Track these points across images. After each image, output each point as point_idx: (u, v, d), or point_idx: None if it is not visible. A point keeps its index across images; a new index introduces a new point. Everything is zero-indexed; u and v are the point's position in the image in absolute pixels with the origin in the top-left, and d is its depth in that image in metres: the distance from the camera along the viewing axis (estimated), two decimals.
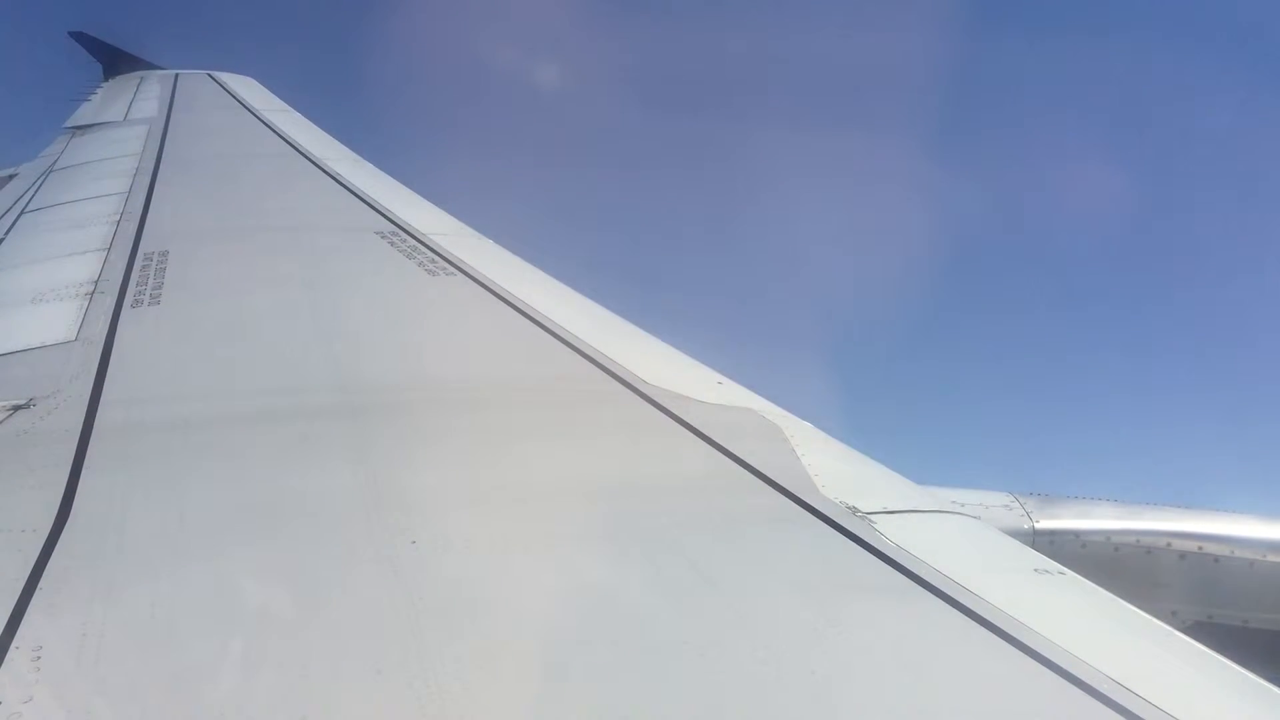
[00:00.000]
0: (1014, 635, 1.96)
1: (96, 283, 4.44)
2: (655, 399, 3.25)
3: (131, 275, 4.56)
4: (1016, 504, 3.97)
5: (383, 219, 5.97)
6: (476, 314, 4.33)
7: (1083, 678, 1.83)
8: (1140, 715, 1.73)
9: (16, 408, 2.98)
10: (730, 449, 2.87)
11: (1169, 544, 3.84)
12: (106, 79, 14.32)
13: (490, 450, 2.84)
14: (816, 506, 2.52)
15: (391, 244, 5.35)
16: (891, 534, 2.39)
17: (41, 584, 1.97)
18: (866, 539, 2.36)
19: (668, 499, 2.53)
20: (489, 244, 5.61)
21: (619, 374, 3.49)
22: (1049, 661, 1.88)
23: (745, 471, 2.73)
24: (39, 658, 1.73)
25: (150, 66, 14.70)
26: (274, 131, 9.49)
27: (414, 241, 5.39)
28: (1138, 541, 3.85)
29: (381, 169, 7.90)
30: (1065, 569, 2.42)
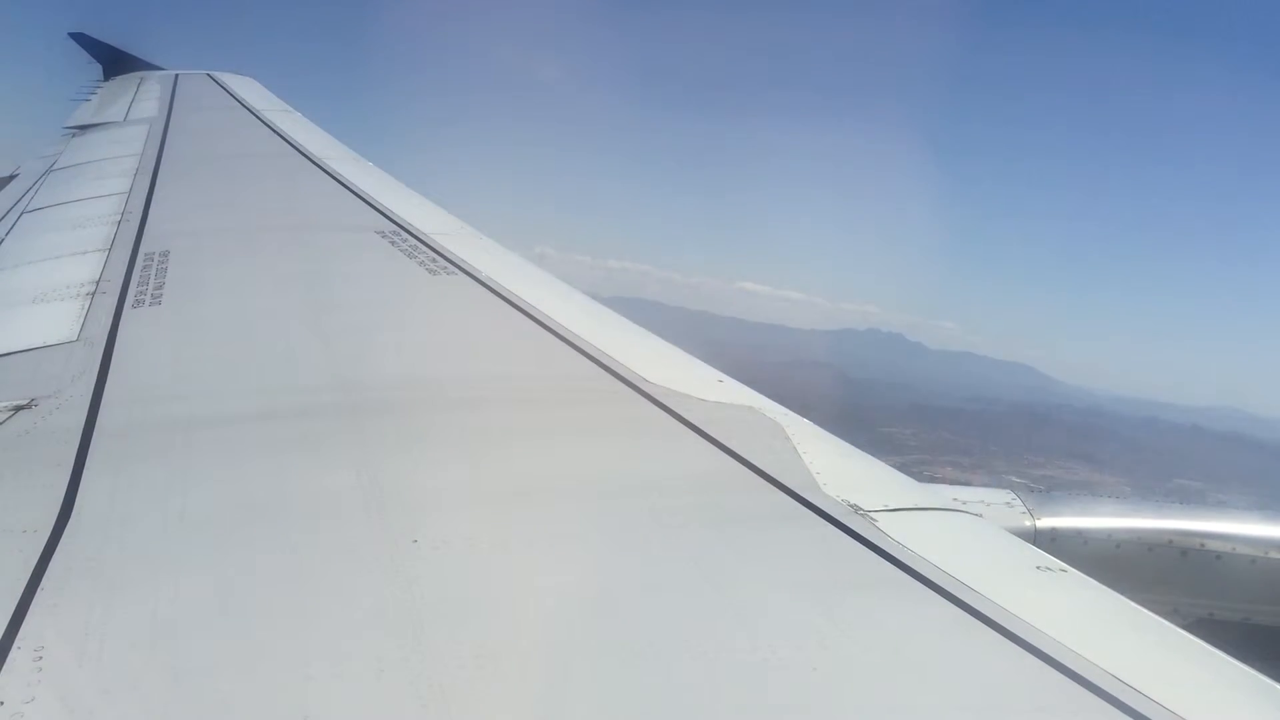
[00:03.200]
0: (1016, 633, 1.96)
1: (98, 283, 4.44)
2: (656, 397, 3.25)
3: (133, 275, 4.56)
4: (1018, 501, 3.97)
5: (384, 218, 5.98)
6: (478, 313, 4.33)
7: (1085, 674, 1.83)
8: (1142, 711, 1.73)
9: (18, 408, 2.98)
10: (732, 447, 2.87)
11: (1170, 541, 3.84)
12: (106, 79, 14.34)
13: (492, 449, 2.84)
14: (818, 504, 2.52)
15: (393, 243, 5.36)
16: (893, 532, 2.40)
17: (43, 584, 1.97)
18: (868, 537, 2.36)
19: (669, 497, 2.53)
20: (490, 243, 5.62)
21: (620, 373, 3.49)
22: (1051, 659, 1.88)
23: (747, 470, 2.73)
24: (41, 658, 1.73)
25: (150, 67, 14.73)
26: (274, 131, 9.50)
27: (415, 241, 5.40)
28: (1139, 539, 3.85)
29: (382, 168, 7.91)
30: (1067, 566, 2.42)
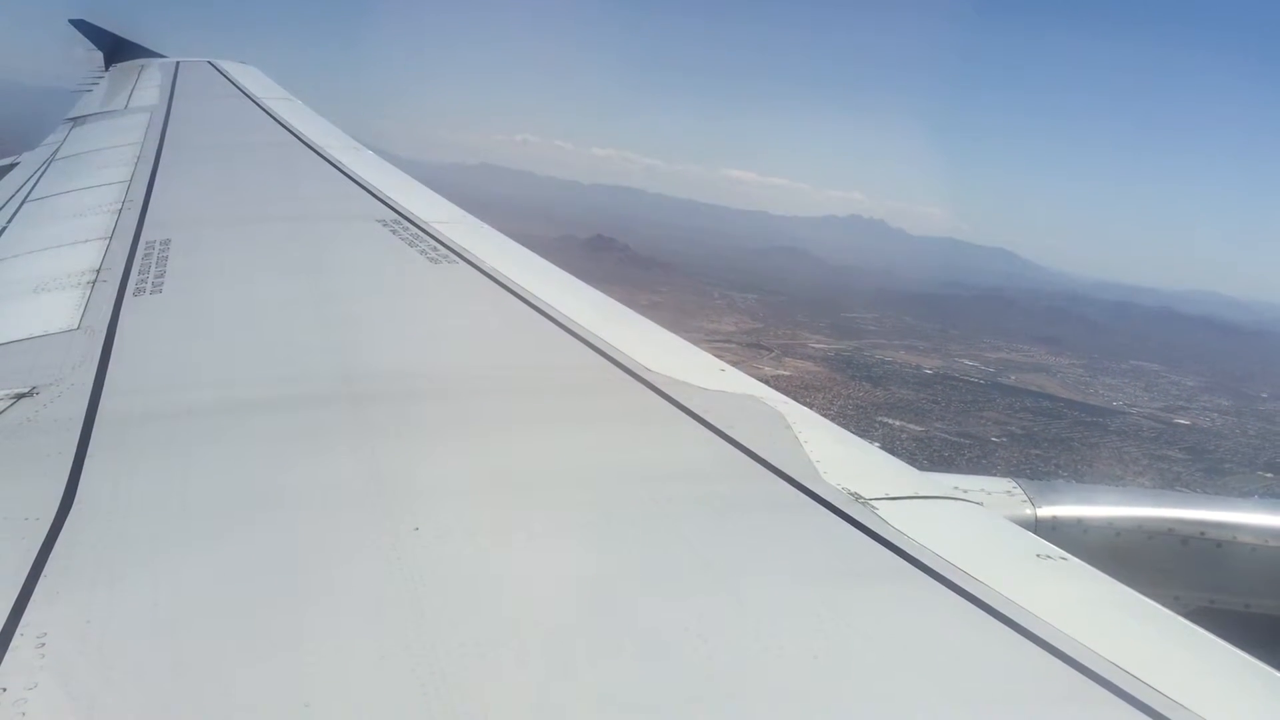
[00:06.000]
0: (1016, 621, 1.97)
1: (99, 271, 4.44)
2: (658, 386, 3.25)
3: (133, 264, 4.56)
4: (1019, 490, 3.97)
5: (385, 207, 5.97)
6: (479, 302, 4.32)
7: (1085, 663, 1.83)
8: (1143, 700, 1.74)
9: (19, 396, 2.98)
10: (733, 436, 2.87)
11: (1171, 529, 3.84)
12: (108, 67, 14.31)
13: (493, 438, 2.84)
14: (819, 493, 2.52)
15: (394, 232, 5.35)
16: (894, 520, 2.40)
17: (45, 571, 1.98)
18: (869, 525, 2.36)
19: (670, 486, 2.53)
20: (491, 232, 5.61)
21: (621, 361, 3.49)
22: (1051, 647, 1.88)
23: (748, 458, 2.74)
24: (43, 645, 1.73)
25: (151, 54, 14.68)
26: (275, 120, 9.48)
27: (416, 229, 5.39)
28: (1140, 527, 3.86)
29: (384, 157, 7.90)
30: (1068, 555, 2.42)
